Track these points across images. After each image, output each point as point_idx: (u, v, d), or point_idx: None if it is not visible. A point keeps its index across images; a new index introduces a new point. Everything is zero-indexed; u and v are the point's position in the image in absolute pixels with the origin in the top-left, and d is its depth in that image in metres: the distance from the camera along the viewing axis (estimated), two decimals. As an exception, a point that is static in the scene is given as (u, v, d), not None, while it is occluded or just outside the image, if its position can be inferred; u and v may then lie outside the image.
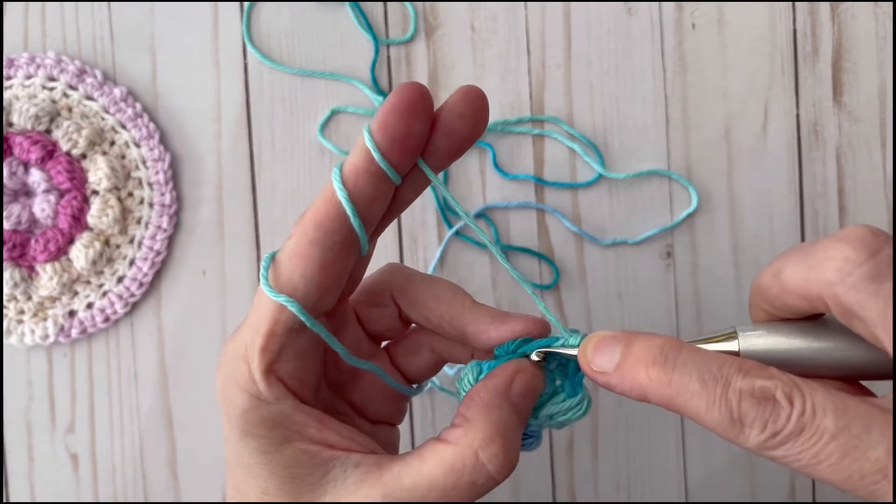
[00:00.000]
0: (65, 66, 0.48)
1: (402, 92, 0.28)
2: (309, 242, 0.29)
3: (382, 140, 0.28)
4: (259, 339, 0.29)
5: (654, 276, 0.50)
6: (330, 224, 0.29)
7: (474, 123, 0.30)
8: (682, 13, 0.50)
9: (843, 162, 0.51)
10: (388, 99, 0.29)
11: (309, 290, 0.29)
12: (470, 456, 0.28)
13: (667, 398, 0.27)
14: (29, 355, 0.49)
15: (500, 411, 0.29)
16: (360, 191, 0.29)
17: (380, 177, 0.29)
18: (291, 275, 0.29)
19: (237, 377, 0.30)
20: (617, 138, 0.50)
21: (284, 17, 0.49)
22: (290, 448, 0.29)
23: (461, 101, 0.30)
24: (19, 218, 0.46)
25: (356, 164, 0.29)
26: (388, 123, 0.28)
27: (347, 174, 0.29)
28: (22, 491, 0.49)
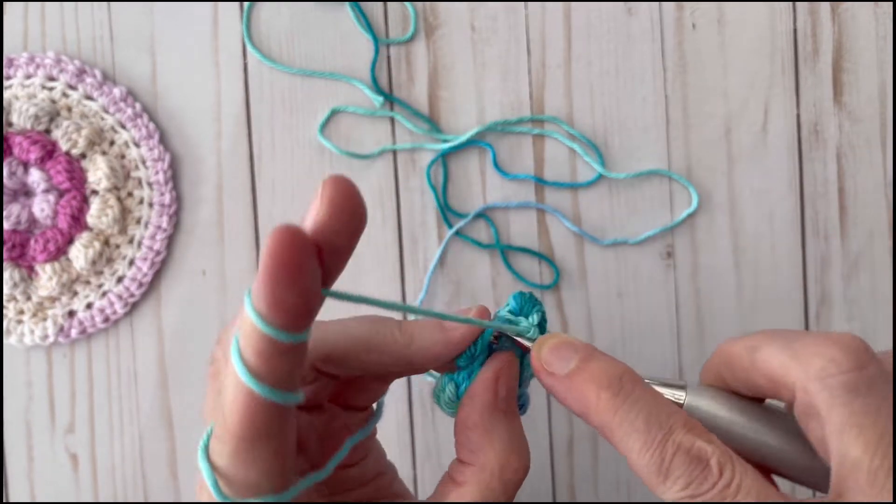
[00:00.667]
0: (64, 65, 0.48)
1: (276, 254, 0.22)
2: (249, 448, 0.25)
3: (271, 314, 0.23)
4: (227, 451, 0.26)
5: (655, 276, 0.50)
6: (259, 419, 0.25)
7: (351, 232, 0.24)
8: (683, 13, 0.50)
9: (843, 162, 0.51)
10: (263, 264, 0.23)
11: (274, 480, 0.26)
12: (496, 483, 0.28)
13: (606, 424, 0.28)
14: (28, 355, 0.49)
15: (499, 426, 0.29)
16: (273, 370, 0.24)
17: (278, 348, 0.24)
18: (246, 478, 0.25)
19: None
20: (617, 138, 0.50)
21: (284, 17, 0.49)
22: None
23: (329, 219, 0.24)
24: (19, 218, 0.46)
25: (258, 349, 0.24)
26: (276, 298, 0.23)
27: (252, 363, 0.24)
28: (22, 491, 0.48)
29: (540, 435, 0.50)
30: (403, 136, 0.49)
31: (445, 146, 0.49)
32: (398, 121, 0.49)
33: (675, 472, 0.26)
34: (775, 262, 0.51)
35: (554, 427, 0.50)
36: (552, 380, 0.29)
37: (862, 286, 0.51)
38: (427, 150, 0.49)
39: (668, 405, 0.27)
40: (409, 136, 0.49)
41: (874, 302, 0.51)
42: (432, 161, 0.49)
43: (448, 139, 0.49)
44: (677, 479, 0.26)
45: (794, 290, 0.51)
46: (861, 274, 0.51)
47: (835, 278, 0.51)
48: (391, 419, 0.50)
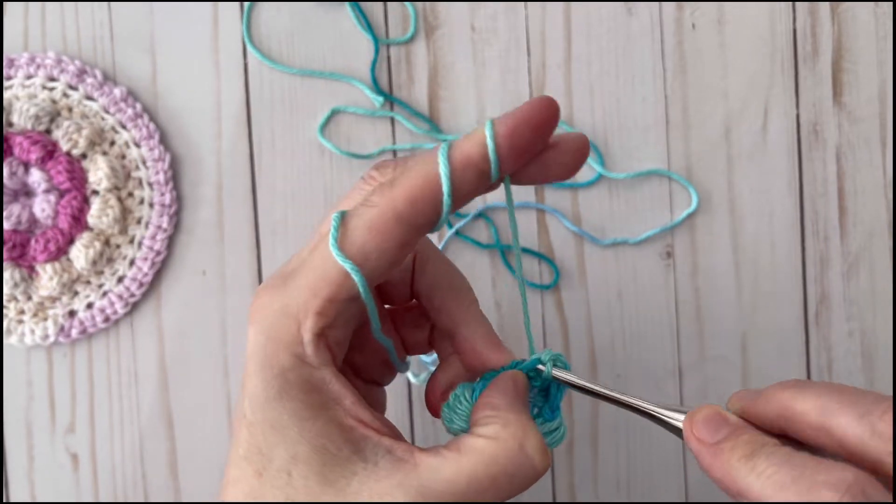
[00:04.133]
0: (65, 66, 0.48)
1: (541, 107, 0.28)
2: (396, 218, 0.28)
3: (505, 144, 0.28)
4: (317, 302, 0.28)
5: (655, 277, 0.50)
6: (423, 205, 0.28)
7: (567, 172, 0.30)
8: (683, 13, 0.50)
9: (843, 162, 0.51)
10: (524, 108, 0.28)
11: (380, 265, 0.28)
12: (514, 448, 0.28)
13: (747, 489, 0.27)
14: (29, 355, 0.49)
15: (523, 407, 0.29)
16: (462, 180, 0.28)
17: (484, 174, 0.28)
18: (365, 245, 0.28)
19: (282, 335, 0.28)
20: (617, 138, 0.50)
21: (284, 17, 0.49)
22: (326, 416, 0.28)
23: (573, 151, 0.30)
24: (19, 218, 0.46)
25: (469, 154, 0.28)
26: (518, 132, 0.28)
27: (456, 160, 0.28)
28: (22, 491, 0.49)
29: (540, 435, 0.50)
30: (403, 136, 0.50)
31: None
32: (398, 121, 0.49)
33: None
34: (775, 262, 0.51)
35: (554, 427, 0.50)
36: (699, 446, 0.28)
37: (861, 286, 0.51)
38: (427, 150, 0.49)
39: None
40: (410, 136, 0.49)
41: (874, 302, 0.51)
42: (432, 161, 0.49)
43: (448, 139, 0.49)
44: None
45: (794, 289, 0.51)
46: (861, 274, 0.51)
47: (834, 278, 0.51)
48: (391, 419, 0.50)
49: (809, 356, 0.51)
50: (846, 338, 0.51)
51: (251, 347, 0.29)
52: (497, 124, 0.28)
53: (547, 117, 0.28)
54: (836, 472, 0.25)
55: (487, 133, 0.28)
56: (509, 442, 0.28)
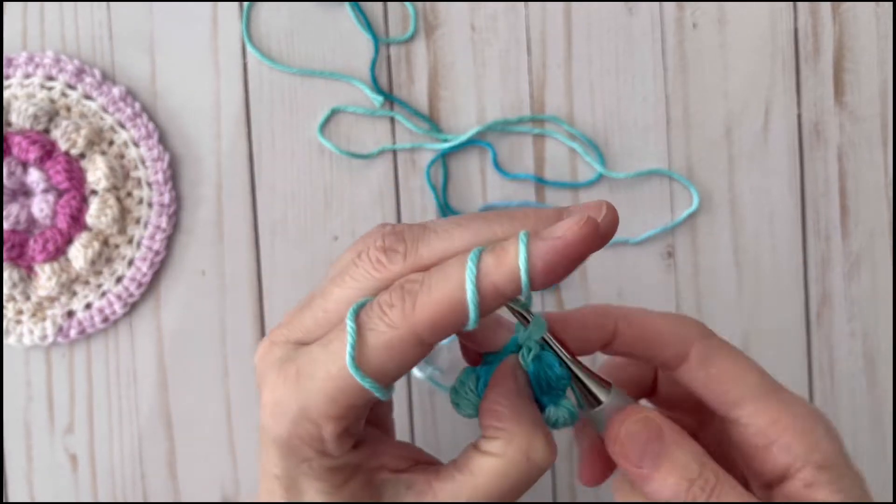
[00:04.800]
0: (63, 65, 0.48)
1: (576, 231, 0.26)
2: (418, 342, 0.27)
3: (539, 278, 0.26)
4: (336, 410, 0.28)
5: (655, 276, 0.50)
6: (445, 331, 0.27)
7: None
8: (683, 13, 0.50)
9: (844, 161, 0.51)
10: (568, 236, 0.26)
11: (397, 377, 0.28)
12: (521, 461, 0.29)
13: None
14: (27, 356, 0.48)
15: (525, 410, 0.30)
16: (488, 308, 0.27)
17: (507, 300, 0.27)
18: (384, 365, 0.27)
19: (303, 435, 0.28)
20: (617, 138, 0.50)
21: (284, 17, 0.49)
22: (351, 485, 0.30)
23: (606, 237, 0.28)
24: (18, 218, 0.46)
25: (498, 285, 0.26)
26: (555, 267, 0.26)
27: (486, 290, 0.26)
28: (21, 491, 0.48)
29: (540, 435, 0.50)
30: (403, 135, 0.49)
31: (445, 146, 0.49)
32: (398, 121, 0.49)
33: None
34: (776, 262, 0.51)
35: (554, 427, 0.50)
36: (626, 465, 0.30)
37: (863, 286, 0.51)
38: (427, 149, 0.49)
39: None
40: (409, 136, 0.49)
41: (875, 302, 0.51)
42: (432, 161, 0.49)
43: (448, 139, 0.49)
44: None
45: (795, 289, 0.51)
46: (862, 274, 0.51)
47: (836, 278, 0.51)
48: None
49: (811, 356, 0.51)
50: (848, 338, 0.51)
51: (271, 436, 0.29)
52: (534, 257, 0.26)
53: (591, 249, 0.26)
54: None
55: (521, 266, 0.26)
56: (517, 457, 0.29)
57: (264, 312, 0.49)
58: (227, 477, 0.49)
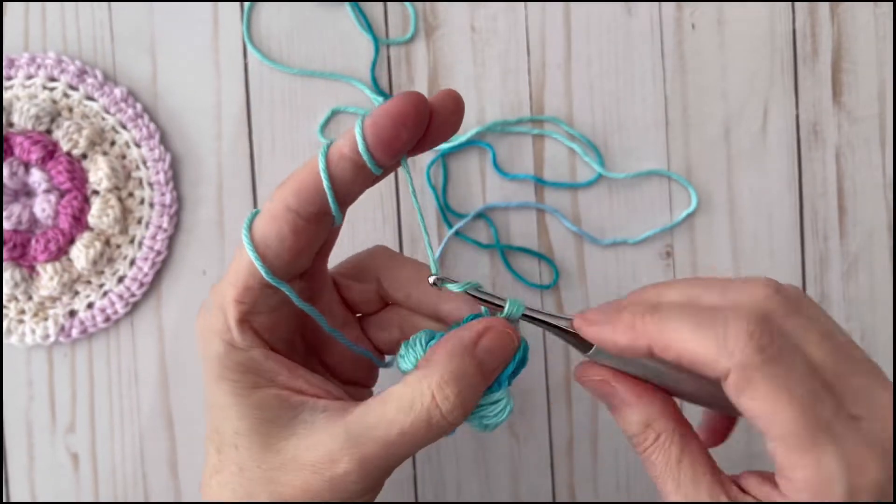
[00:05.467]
0: (65, 66, 0.48)
1: (400, 101, 0.30)
2: (286, 208, 0.31)
3: (371, 136, 0.30)
4: (233, 291, 0.32)
5: (654, 276, 0.50)
6: (307, 194, 0.31)
7: (453, 129, 0.32)
8: (682, 13, 0.50)
9: (842, 162, 0.51)
10: (387, 102, 0.30)
11: (281, 250, 0.31)
12: (427, 395, 0.30)
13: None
14: (29, 355, 0.49)
15: (461, 360, 0.31)
16: (340, 173, 0.31)
17: (361, 165, 0.31)
18: (266, 234, 0.31)
19: (213, 325, 0.33)
20: (617, 138, 0.50)
21: (284, 17, 0.49)
22: (261, 392, 0.32)
23: (446, 110, 0.32)
24: (20, 218, 0.46)
25: (341, 150, 0.31)
26: (379, 124, 0.30)
27: (332, 156, 0.31)
28: (22, 491, 0.49)
29: (540, 435, 0.50)
30: (403, 136, 0.50)
31: (445, 146, 0.49)
32: (398, 121, 0.49)
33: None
34: (774, 262, 0.51)
35: (554, 427, 0.50)
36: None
37: (861, 286, 0.51)
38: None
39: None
40: (410, 137, 0.49)
41: (873, 302, 0.51)
42: (432, 161, 0.49)
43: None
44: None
45: (794, 289, 0.51)
46: (860, 274, 0.51)
47: (834, 278, 0.51)
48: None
49: (809, 356, 0.51)
50: (845, 338, 0.51)
51: (197, 339, 0.34)
52: (365, 120, 0.31)
53: (404, 111, 0.30)
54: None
55: (357, 130, 0.30)
56: (424, 390, 0.30)
57: (265, 312, 0.49)
58: (228, 476, 0.49)
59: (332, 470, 0.30)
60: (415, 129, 0.31)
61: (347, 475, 0.30)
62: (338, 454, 0.30)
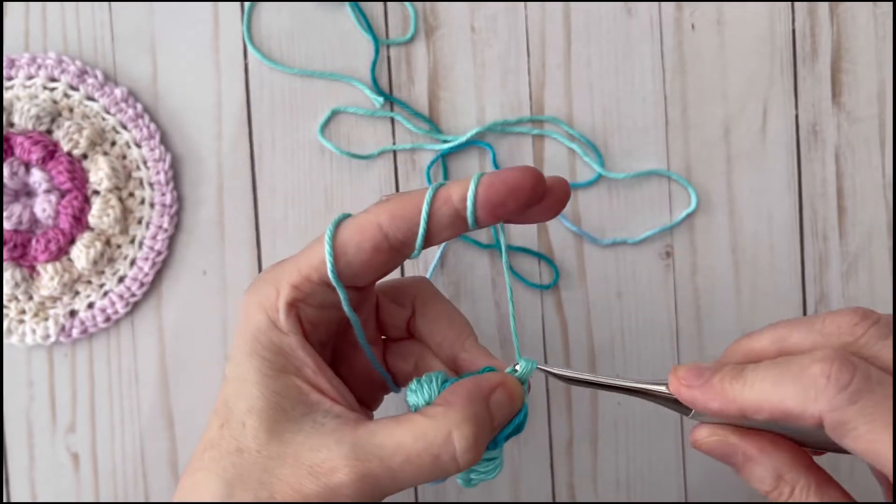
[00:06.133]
0: (66, 66, 0.48)
1: (519, 173, 0.32)
2: (377, 225, 0.32)
3: (482, 197, 0.32)
4: (295, 276, 0.33)
5: (654, 276, 0.50)
6: (401, 222, 0.32)
7: (554, 214, 0.34)
8: (682, 14, 0.50)
9: (842, 162, 0.51)
10: (510, 172, 0.32)
11: (355, 261, 0.32)
12: (444, 431, 0.30)
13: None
14: (30, 355, 0.49)
15: (479, 407, 0.32)
16: (440, 216, 0.32)
17: (459, 216, 0.32)
18: (348, 241, 0.32)
19: (263, 299, 0.33)
20: (616, 138, 0.50)
21: (284, 17, 0.49)
22: (286, 378, 0.32)
23: (553, 206, 0.33)
24: (20, 218, 0.46)
25: (450, 196, 0.32)
26: (494, 189, 0.31)
27: (439, 197, 0.32)
28: (22, 491, 0.49)
29: (540, 435, 0.50)
30: (403, 136, 0.50)
31: (445, 146, 0.49)
32: (398, 121, 0.49)
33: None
34: (774, 262, 0.51)
35: (553, 427, 0.50)
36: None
37: (860, 286, 0.51)
38: (427, 150, 0.50)
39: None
40: (410, 137, 0.50)
41: (873, 302, 0.51)
42: (432, 161, 0.49)
43: (448, 139, 0.49)
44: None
45: (793, 290, 0.51)
46: (860, 274, 0.51)
47: (833, 278, 0.51)
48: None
49: (808, 356, 0.51)
50: (845, 338, 0.51)
51: (241, 309, 0.34)
52: (481, 180, 0.32)
53: (527, 188, 0.31)
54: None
55: (471, 184, 0.32)
56: (441, 425, 0.31)
57: (265, 312, 0.49)
58: (228, 476, 0.49)
59: (329, 477, 0.30)
60: (524, 204, 0.32)
61: (342, 486, 0.30)
62: (339, 462, 0.30)
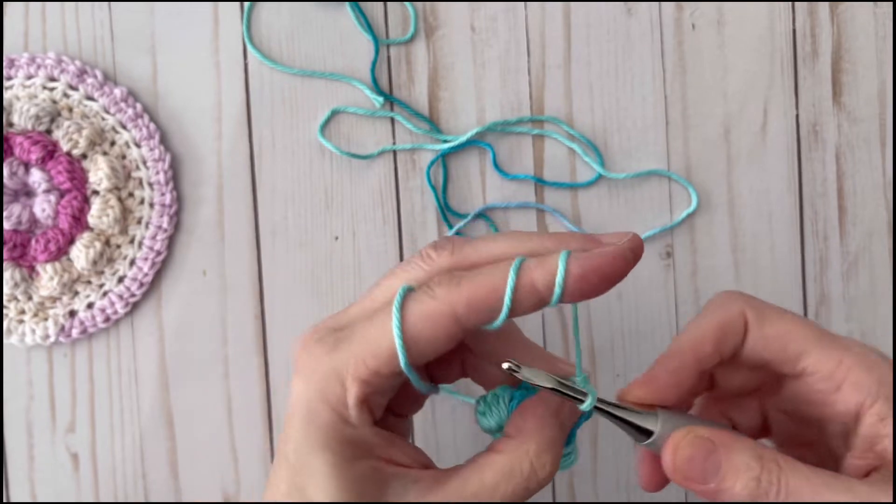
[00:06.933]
0: (65, 66, 0.48)
1: (614, 262, 0.30)
2: (453, 316, 0.30)
3: (573, 287, 0.29)
4: (365, 372, 0.30)
5: (654, 276, 0.50)
6: (480, 314, 0.30)
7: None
8: (682, 13, 0.50)
9: (842, 162, 0.51)
10: (605, 256, 0.30)
11: (426, 352, 0.30)
12: (526, 464, 0.31)
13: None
14: (29, 355, 0.49)
15: (552, 428, 0.32)
16: (522, 301, 0.30)
17: (544, 301, 0.30)
18: (419, 334, 0.30)
19: (328, 395, 0.30)
20: (617, 138, 0.50)
21: (284, 17, 0.49)
22: (361, 464, 0.31)
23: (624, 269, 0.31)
24: (20, 218, 0.46)
25: (536, 283, 0.30)
26: (586, 279, 0.29)
27: (524, 284, 0.30)
28: (22, 491, 0.49)
29: (540, 434, 0.50)
30: (403, 136, 0.50)
31: (445, 146, 0.49)
32: (398, 121, 0.49)
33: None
34: (774, 262, 0.51)
35: (554, 427, 0.50)
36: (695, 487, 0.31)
37: (861, 286, 0.51)
38: (427, 150, 0.50)
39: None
40: (409, 137, 0.50)
41: (873, 302, 0.51)
42: (432, 161, 0.49)
43: (448, 139, 0.49)
44: None
45: (794, 289, 0.51)
46: (860, 274, 0.51)
47: (834, 278, 0.51)
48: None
49: (809, 356, 0.51)
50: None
51: (297, 399, 0.31)
52: (572, 265, 0.29)
53: (624, 271, 0.30)
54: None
55: (559, 271, 0.29)
56: (523, 459, 0.31)
57: (265, 312, 0.49)
58: (228, 476, 0.49)
59: None
60: (610, 286, 0.30)
61: None
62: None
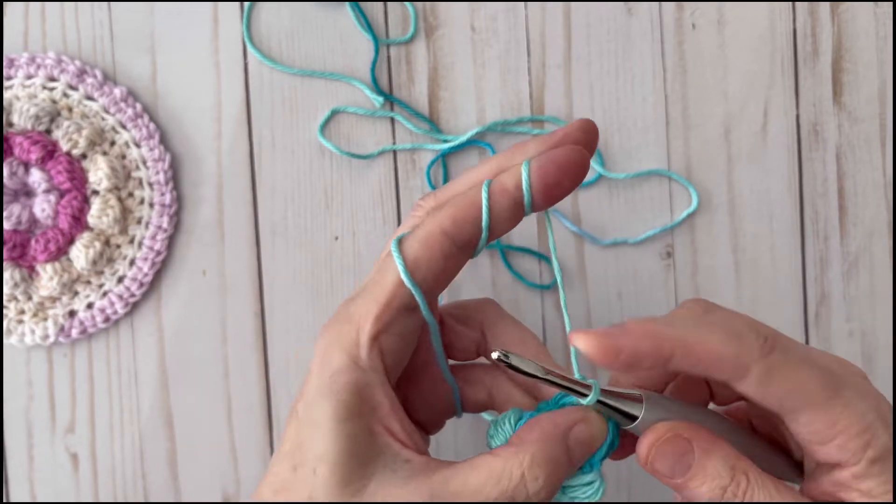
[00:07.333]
0: (65, 66, 0.48)
1: (568, 152, 0.32)
2: (442, 233, 0.32)
3: (536, 180, 0.32)
4: (376, 308, 0.32)
5: (654, 276, 0.50)
6: (464, 223, 0.32)
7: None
8: (683, 13, 0.50)
9: (843, 162, 0.51)
10: (559, 152, 0.32)
11: (429, 274, 0.32)
12: (516, 472, 0.30)
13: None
14: (29, 355, 0.49)
15: (554, 445, 0.31)
16: (499, 208, 0.32)
17: (519, 203, 0.32)
18: (418, 257, 0.32)
19: (342, 338, 0.32)
20: (617, 138, 0.50)
21: (284, 17, 0.49)
22: (359, 421, 0.31)
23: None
24: (19, 218, 0.46)
25: (505, 185, 0.32)
26: (546, 170, 0.32)
27: (496, 191, 0.32)
28: (22, 491, 0.49)
29: (540, 435, 0.50)
30: (404, 136, 0.50)
31: (445, 146, 0.49)
32: (398, 121, 0.49)
33: None
34: (775, 262, 0.51)
35: (554, 427, 0.50)
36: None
37: (861, 286, 0.51)
38: (427, 150, 0.49)
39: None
40: (410, 137, 0.49)
41: (873, 302, 0.51)
42: (432, 161, 0.49)
43: (448, 139, 0.49)
44: None
45: (794, 289, 0.51)
46: (860, 274, 0.51)
47: (834, 278, 0.51)
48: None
49: (809, 356, 0.51)
50: (846, 338, 0.51)
51: (316, 353, 0.32)
52: (532, 165, 0.32)
53: (578, 163, 0.32)
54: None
55: (523, 169, 0.32)
56: (514, 467, 0.31)
57: (265, 312, 0.49)
58: (228, 476, 0.49)
59: None
60: (576, 181, 0.33)
61: None
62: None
